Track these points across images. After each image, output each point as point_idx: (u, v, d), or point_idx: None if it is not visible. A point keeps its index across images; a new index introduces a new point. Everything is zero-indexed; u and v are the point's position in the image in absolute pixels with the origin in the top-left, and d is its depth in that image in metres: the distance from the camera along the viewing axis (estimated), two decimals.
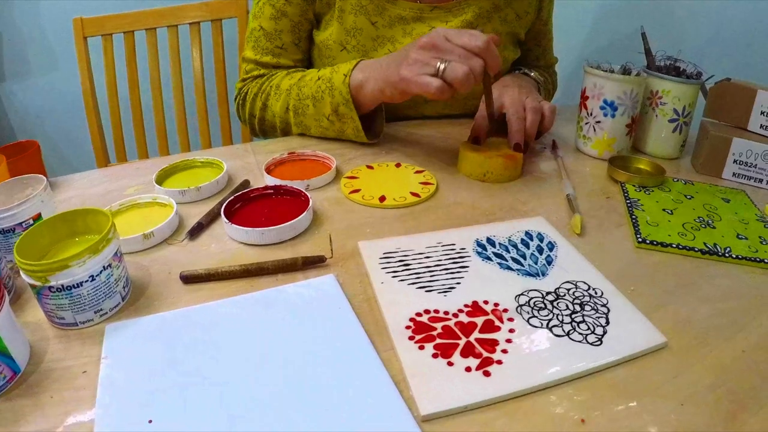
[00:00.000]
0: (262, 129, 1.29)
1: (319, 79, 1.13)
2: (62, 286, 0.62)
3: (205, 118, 1.87)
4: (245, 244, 0.82)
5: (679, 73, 1.10)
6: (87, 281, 0.63)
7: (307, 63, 1.33)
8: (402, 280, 0.74)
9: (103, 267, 0.64)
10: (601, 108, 1.08)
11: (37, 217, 0.75)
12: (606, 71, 1.07)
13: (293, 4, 1.21)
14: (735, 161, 1.06)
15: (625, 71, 1.09)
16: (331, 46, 1.23)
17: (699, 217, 0.91)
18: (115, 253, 0.67)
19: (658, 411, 0.57)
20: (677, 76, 1.08)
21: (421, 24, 1.21)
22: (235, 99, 1.34)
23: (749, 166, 1.05)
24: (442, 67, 0.90)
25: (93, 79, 1.73)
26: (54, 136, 2.46)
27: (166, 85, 1.80)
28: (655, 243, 0.84)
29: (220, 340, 0.63)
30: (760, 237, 0.87)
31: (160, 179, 0.98)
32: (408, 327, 0.66)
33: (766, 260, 0.81)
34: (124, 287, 0.69)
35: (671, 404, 0.58)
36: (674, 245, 0.83)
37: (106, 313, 0.66)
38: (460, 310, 0.69)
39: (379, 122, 1.18)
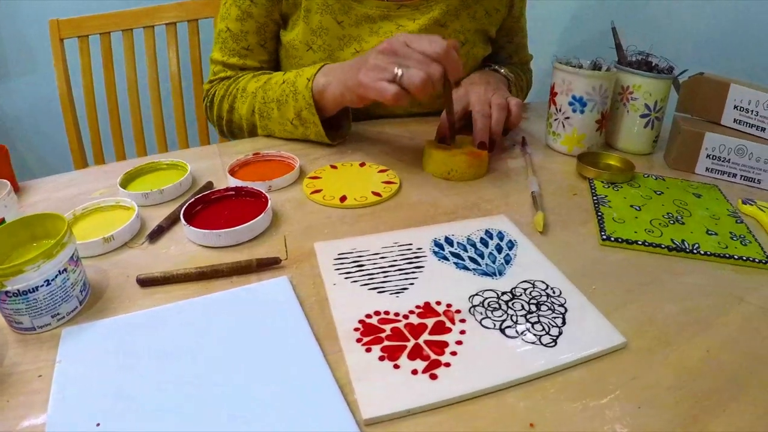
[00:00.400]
0: (230, 130, 1.28)
1: (284, 82, 1.12)
2: (18, 290, 0.61)
3: (182, 119, 1.85)
4: (204, 246, 0.80)
5: (651, 68, 1.08)
6: (42, 286, 0.62)
7: (274, 64, 1.31)
8: (354, 281, 0.72)
9: (59, 271, 0.63)
10: (570, 104, 1.06)
11: (1, 222, 0.75)
12: (575, 67, 1.05)
13: (258, 5, 1.19)
14: (708, 156, 1.04)
15: (596, 66, 1.07)
16: (297, 46, 1.21)
17: (668, 213, 0.89)
18: (71, 257, 0.65)
19: (613, 414, 0.54)
20: (649, 71, 1.06)
21: (388, 22, 1.20)
22: (204, 100, 1.32)
23: (722, 161, 1.03)
24: (399, 73, 0.88)
25: (70, 81, 1.71)
26: (32, 137, 2.45)
27: (142, 86, 1.78)
28: (620, 240, 0.81)
29: (170, 343, 0.62)
30: (730, 233, 0.84)
31: (125, 182, 0.97)
32: (357, 329, 0.64)
33: (735, 256, 0.79)
34: (81, 291, 0.67)
35: (628, 407, 0.55)
36: (640, 242, 0.81)
37: (64, 317, 0.65)
38: (411, 312, 0.66)
39: (346, 125, 1.16)
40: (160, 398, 0.55)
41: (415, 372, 0.58)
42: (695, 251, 0.80)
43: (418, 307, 0.67)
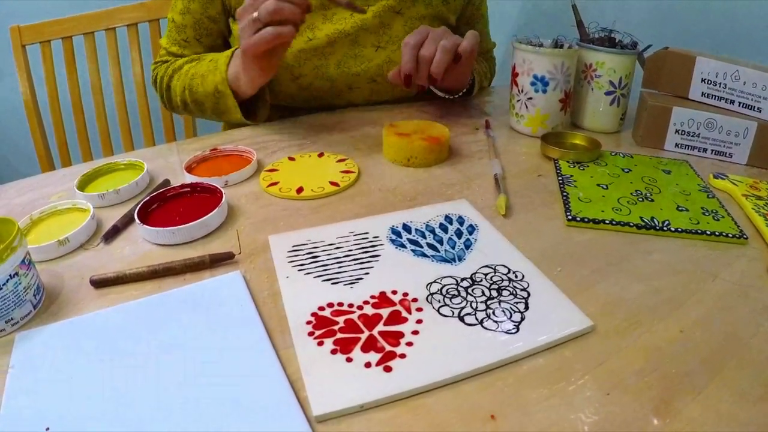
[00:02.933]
0: (172, 106, 1.31)
1: (210, 60, 1.14)
2: None
3: (147, 118, 1.82)
4: (158, 244, 0.78)
5: (614, 44, 1.05)
6: None
7: None
8: (308, 274, 0.68)
9: (10, 276, 0.61)
10: (532, 84, 1.04)
11: None
12: (535, 46, 1.02)
13: (196, 2, 1.21)
14: (677, 131, 1.02)
15: (557, 45, 1.05)
16: None
17: (637, 191, 0.86)
18: (23, 260, 0.63)
19: (580, 402, 0.51)
20: (612, 48, 1.04)
21: (342, 8, 1.17)
22: (152, 80, 1.35)
23: (692, 136, 1.01)
24: (256, 15, 0.91)
25: (34, 87, 1.67)
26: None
27: (107, 88, 1.75)
28: (586, 220, 0.78)
29: (121, 343, 0.60)
30: (702, 208, 0.82)
31: (83, 184, 0.94)
32: (309, 322, 0.60)
33: (708, 232, 0.76)
34: (35, 295, 0.65)
35: (595, 394, 0.52)
36: (607, 221, 0.78)
37: (18, 322, 0.63)
38: (366, 302, 0.63)
39: (263, 108, 1.19)
40: (112, 398, 0.53)
41: (368, 365, 0.55)
42: (665, 228, 0.77)
43: (373, 297, 0.64)
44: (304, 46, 1.17)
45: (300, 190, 0.90)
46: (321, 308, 0.63)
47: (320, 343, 0.57)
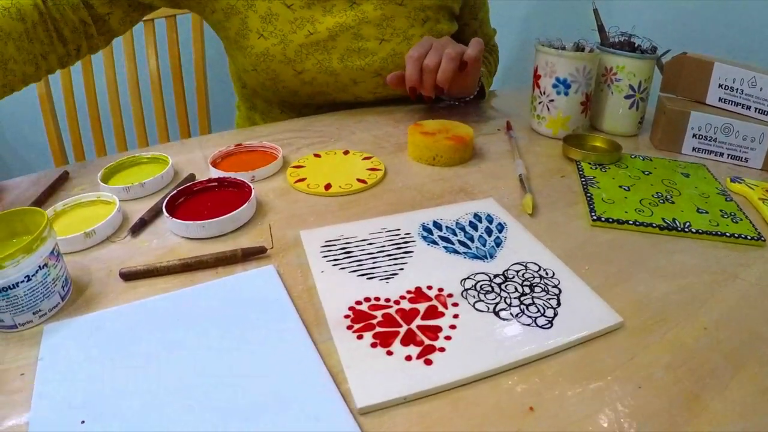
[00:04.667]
0: None
1: None
2: None
3: (162, 116, 1.83)
4: (187, 238, 0.78)
5: (634, 48, 1.07)
6: (23, 282, 0.60)
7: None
8: (343, 269, 0.70)
9: (39, 267, 0.61)
10: (554, 86, 1.05)
11: None
12: (558, 48, 1.04)
13: None
14: (694, 135, 1.03)
15: (578, 48, 1.06)
16: (248, 36, 1.17)
17: (657, 193, 0.88)
18: (52, 252, 0.63)
19: (614, 395, 0.53)
20: (632, 52, 1.05)
21: (342, 0, 1.17)
22: None
23: (709, 140, 1.02)
24: None
25: (49, 82, 1.68)
26: (12, 140, 2.42)
27: (122, 84, 1.76)
28: (610, 220, 0.80)
29: (156, 336, 0.60)
30: (720, 210, 0.84)
31: (106, 177, 0.94)
32: (347, 316, 0.62)
33: (727, 233, 0.78)
34: (63, 287, 0.65)
35: (628, 387, 0.54)
36: (631, 222, 0.80)
37: (46, 313, 0.63)
38: (402, 297, 0.65)
39: None
40: (146, 393, 0.53)
41: (409, 358, 0.56)
42: (687, 229, 0.79)
43: (409, 292, 0.65)
44: (304, 41, 1.15)
45: (328, 186, 0.91)
46: (358, 302, 0.64)
47: (360, 337, 0.59)
